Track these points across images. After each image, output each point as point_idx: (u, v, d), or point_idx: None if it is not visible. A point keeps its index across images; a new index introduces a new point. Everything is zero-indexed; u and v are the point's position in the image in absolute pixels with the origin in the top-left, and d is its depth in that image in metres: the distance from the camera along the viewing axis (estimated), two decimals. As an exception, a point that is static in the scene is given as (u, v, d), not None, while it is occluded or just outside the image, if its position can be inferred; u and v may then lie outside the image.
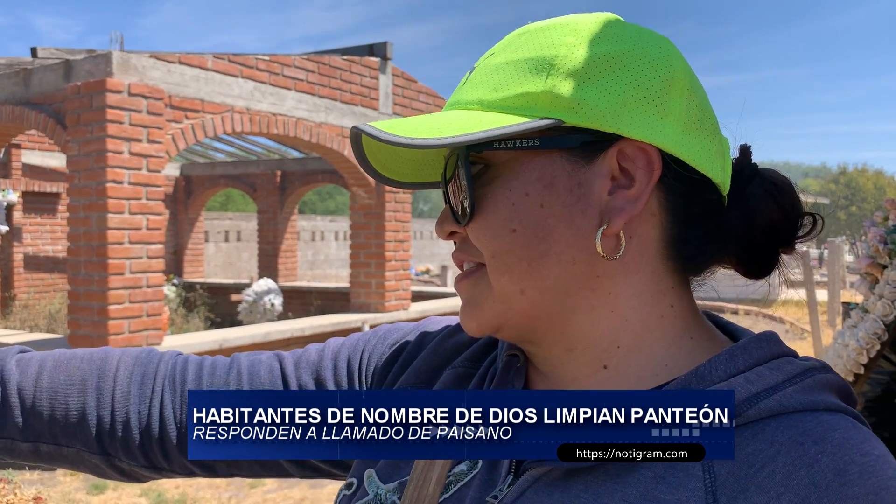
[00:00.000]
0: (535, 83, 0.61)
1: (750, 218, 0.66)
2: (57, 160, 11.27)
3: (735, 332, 0.68)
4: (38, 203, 11.61)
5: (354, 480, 0.71)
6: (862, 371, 4.26)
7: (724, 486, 0.55)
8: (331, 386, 0.80)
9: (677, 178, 0.63)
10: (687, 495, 0.55)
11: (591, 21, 0.64)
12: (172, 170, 13.51)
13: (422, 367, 0.78)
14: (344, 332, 7.55)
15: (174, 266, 13.54)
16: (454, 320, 0.83)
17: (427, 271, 22.66)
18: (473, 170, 0.64)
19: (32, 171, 11.29)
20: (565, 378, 0.67)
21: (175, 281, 11.73)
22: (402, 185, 0.74)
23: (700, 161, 0.63)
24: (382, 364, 0.80)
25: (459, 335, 0.81)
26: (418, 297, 9.96)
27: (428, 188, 0.75)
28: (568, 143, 0.61)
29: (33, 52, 5.93)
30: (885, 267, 4.34)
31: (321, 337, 7.41)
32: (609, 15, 0.66)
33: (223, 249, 18.29)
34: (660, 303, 0.65)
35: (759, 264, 0.68)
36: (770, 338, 0.64)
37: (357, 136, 0.66)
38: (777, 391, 0.58)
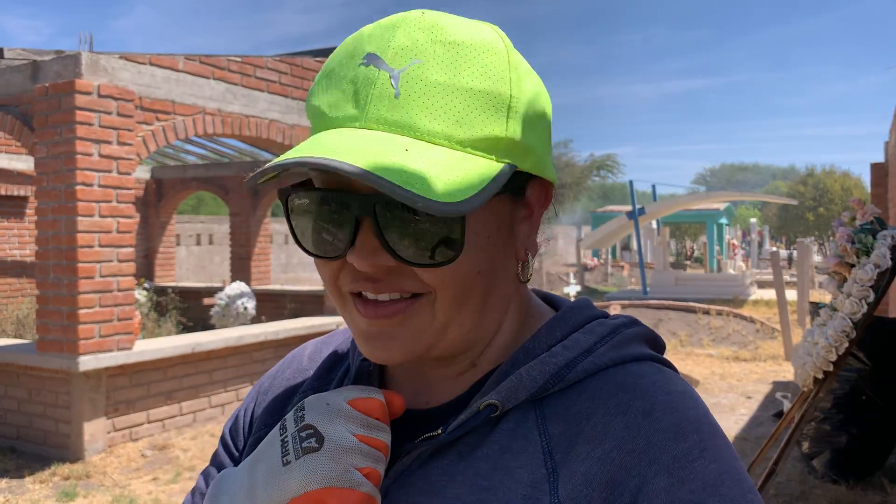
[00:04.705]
0: (498, 126, 0.62)
1: None
2: (24, 163, 11.08)
3: (558, 304, 0.76)
4: (4, 207, 11.41)
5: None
6: (831, 368, 4.33)
7: (559, 444, 0.63)
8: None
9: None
10: (528, 459, 0.63)
11: (511, 50, 0.66)
12: (143, 172, 13.35)
13: (271, 404, 0.83)
14: (318, 335, 7.48)
15: (145, 270, 13.38)
16: (300, 350, 0.88)
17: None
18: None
19: (-1, 174, 11.10)
20: (433, 378, 0.72)
21: (146, 285, 11.58)
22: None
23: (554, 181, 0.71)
24: (251, 414, 0.85)
25: (302, 362, 0.86)
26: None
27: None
28: (514, 187, 0.65)
29: (-1, 52, 5.83)
30: (852, 266, 4.41)
31: (295, 340, 7.36)
32: (500, 34, 0.66)
33: (195, 253, 18.11)
34: (520, 301, 0.73)
35: None
36: (583, 304, 0.73)
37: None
38: (591, 353, 0.67)
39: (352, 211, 0.61)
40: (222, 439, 0.86)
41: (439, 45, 0.62)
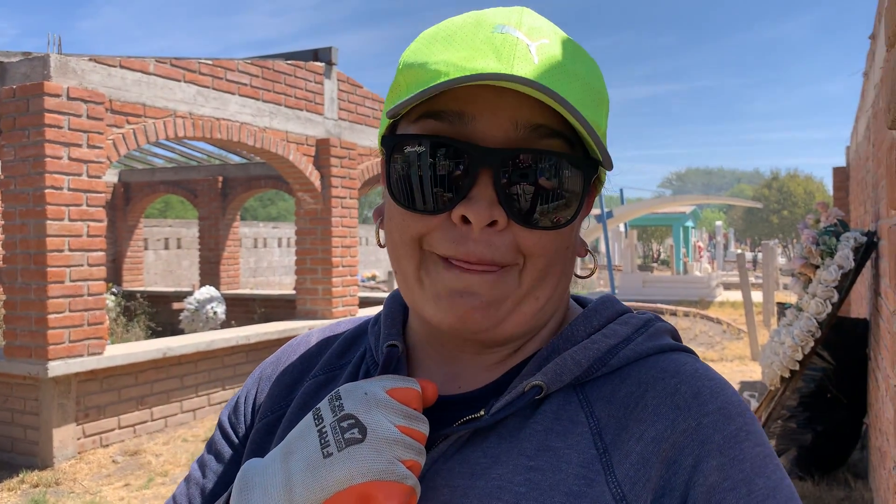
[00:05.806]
0: (602, 119, 0.67)
1: None
2: (-12, 166, 10.89)
3: (584, 300, 0.79)
4: (-33, 210, 11.20)
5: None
6: (797, 367, 4.43)
7: (607, 426, 0.64)
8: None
9: None
10: (576, 439, 0.64)
11: (591, 59, 0.69)
12: (110, 176, 13.19)
13: (275, 390, 0.81)
14: (290, 339, 7.47)
15: (113, 274, 13.21)
16: (304, 337, 0.87)
17: (373, 277, 22.58)
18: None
19: (-39, 177, 10.89)
20: (467, 363, 0.72)
21: (114, 289, 11.43)
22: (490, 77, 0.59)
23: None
24: (253, 401, 0.83)
25: (308, 348, 0.85)
26: (365, 303, 9.93)
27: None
28: (592, 177, 0.67)
29: (-35, 54, 5.73)
30: (817, 267, 4.53)
31: (267, 344, 7.32)
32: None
33: (163, 257, 17.90)
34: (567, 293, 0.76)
35: None
36: (611, 299, 0.75)
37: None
38: (630, 342, 0.69)
39: (473, 163, 0.62)
40: (220, 426, 0.83)
41: (557, 35, 0.66)
